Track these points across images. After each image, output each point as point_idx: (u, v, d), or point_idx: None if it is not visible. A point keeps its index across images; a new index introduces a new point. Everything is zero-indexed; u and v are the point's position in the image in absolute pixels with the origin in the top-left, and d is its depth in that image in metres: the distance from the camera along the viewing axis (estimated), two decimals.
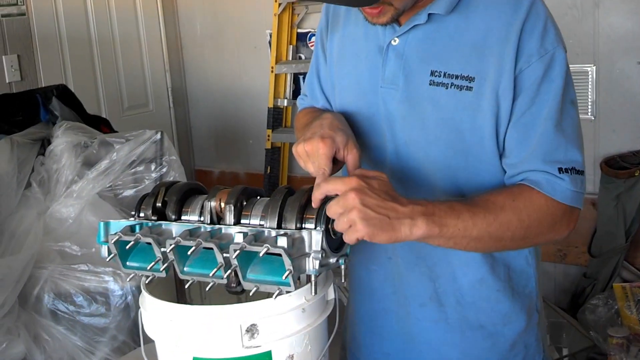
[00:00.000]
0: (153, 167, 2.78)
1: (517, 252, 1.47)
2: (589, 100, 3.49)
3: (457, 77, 1.34)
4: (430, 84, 1.36)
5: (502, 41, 1.32)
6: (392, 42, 1.41)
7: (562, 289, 3.74)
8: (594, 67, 3.45)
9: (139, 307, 1.37)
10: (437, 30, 1.37)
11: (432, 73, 1.36)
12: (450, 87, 1.34)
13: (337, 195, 1.22)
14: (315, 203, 1.26)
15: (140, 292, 1.37)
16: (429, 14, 1.36)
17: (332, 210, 1.22)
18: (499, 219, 1.29)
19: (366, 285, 1.60)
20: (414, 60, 1.39)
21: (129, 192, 2.74)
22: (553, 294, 3.75)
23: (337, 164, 1.34)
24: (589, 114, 3.50)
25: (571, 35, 3.47)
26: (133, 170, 2.74)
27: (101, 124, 3.26)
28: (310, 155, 1.32)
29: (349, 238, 1.22)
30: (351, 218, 1.19)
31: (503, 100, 1.33)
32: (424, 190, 1.41)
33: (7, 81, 3.91)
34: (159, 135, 2.79)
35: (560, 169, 1.33)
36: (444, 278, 1.42)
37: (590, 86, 3.47)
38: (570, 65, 1.38)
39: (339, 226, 1.22)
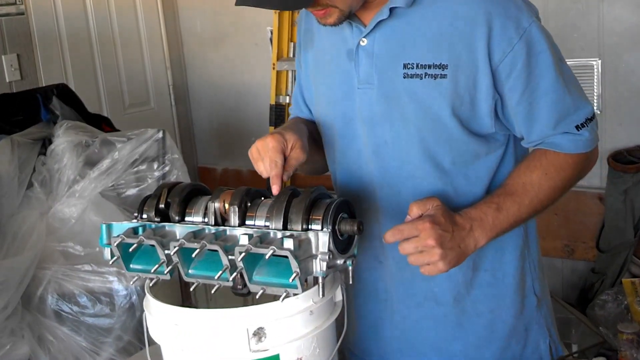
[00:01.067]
0: (155, 165, 2.76)
1: (510, 238, 1.50)
2: (595, 94, 3.46)
3: (429, 66, 1.36)
4: (404, 77, 1.39)
5: (470, 25, 1.34)
6: (361, 43, 1.43)
7: (570, 284, 3.72)
8: (600, 61, 3.42)
9: (144, 308, 1.35)
10: (402, 24, 1.39)
11: (405, 66, 1.39)
12: (425, 77, 1.37)
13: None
14: (386, 239, 1.32)
15: (145, 291, 1.35)
16: (391, 9, 1.38)
17: (408, 249, 1.30)
18: (539, 196, 1.41)
19: (358, 292, 1.60)
20: (384, 57, 1.41)
21: (131, 191, 2.72)
22: (561, 290, 3.73)
23: (288, 162, 1.37)
24: (595, 108, 3.47)
25: (576, 29, 3.45)
26: (135, 169, 2.72)
27: (102, 123, 3.24)
28: (260, 151, 1.37)
29: (427, 272, 1.31)
30: (433, 260, 1.29)
31: (482, 85, 1.37)
32: (409, 184, 1.45)
33: (7, 80, 3.89)
34: (161, 134, 2.77)
35: (577, 127, 1.40)
36: (440, 277, 1.41)
37: (595, 80, 3.44)
38: (575, 60, 1.40)
39: (416, 262, 1.31)
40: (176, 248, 1.25)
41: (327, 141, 1.60)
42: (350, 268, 1.31)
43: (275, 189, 1.32)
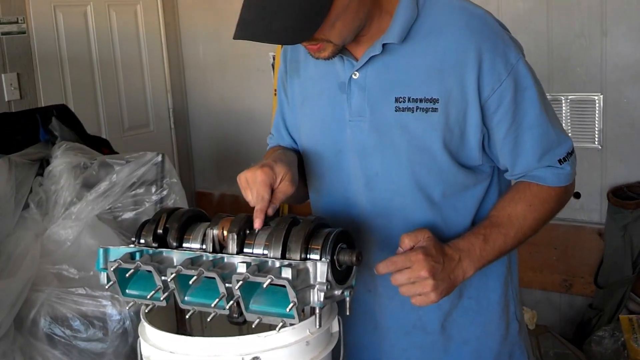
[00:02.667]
0: (153, 189, 2.74)
1: (494, 266, 1.51)
2: (596, 129, 3.46)
3: (421, 100, 1.39)
4: (396, 110, 1.41)
5: (461, 61, 1.37)
6: (353, 76, 1.45)
7: (567, 319, 3.70)
8: (601, 96, 3.43)
9: (137, 333, 1.33)
10: (394, 59, 1.42)
11: (397, 99, 1.41)
12: (416, 110, 1.40)
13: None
14: (379, 270, 1.34)
15: (139, 317, 1.33)
16: (383, 45, 1.40)
17: (401, 280, 1.32)
18: (524, 228, 1.46)
19: (346, 322, 1.57)
20: (376, 90, 1.43)
21: (128, 215, 2.70)
22: (558, 324, 3.70)
23: (275, 195, 1.37)
24: (596, 142, 3.47)
25: (578, 63, 3.46)
26: (133, 192, 2.71)
27: (101, 145, 3.24)
28: (249, 182, 1.37)
29: (419, 302, 1.34)
30: (425, 291, 1.32)
31: (472, 118, 1.40)
32: (400, 215, 1.47)
33: (6, 100, 3.89)
34: (159, 158, 2.76)
35: (560, 161, 1.46)
36: (427, 306, 1.41)
37: (597, 115, 3.45)
38: (577, 94, 1.43)
39: (408, 292, 1.33)
40: (173, 275, 1.23)
41: (313, 171, 1.60)
42: (347, 299, 1.29)
43: (257, 223, 1.32)
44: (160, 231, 1.38)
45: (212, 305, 1.22)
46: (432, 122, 1.39)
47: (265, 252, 1.28)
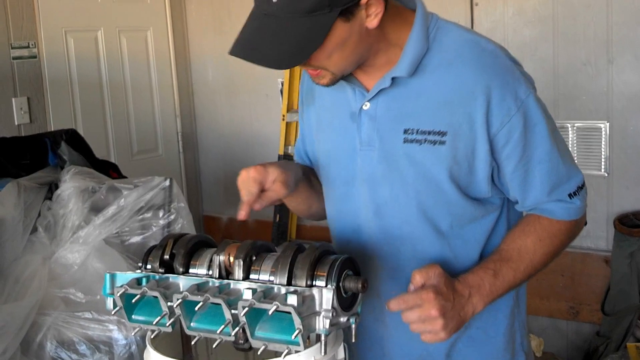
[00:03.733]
0: (161, 213, 2.75)
1: (502, 298, 1.51)
2: (602, 156, 3.47)
3: (429, 132, 1.41)
4: (404, 142, 1.43)
5: (470, 96, 1.38)
6: (364, 107, 1.47)
7: (574, 346, 3.68)
8: (608, 124, 3.44)
9: (143, 358, 1.34)
10: (404, 92, 1.44)
11: (405, 131, 1.43)
12: (424, 142, 1.41)
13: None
14: (390, 307, 1.35)
15: (145, 342, 1.34)
16: (393, 78, 1.42)
17: (412, 318, 1.33)
18: (534, 262, 1.47)
19: (356, 349, 1.57)
20: (386, 121, 1.45)
21: (136, 239, 2.71)
22: (565, 352, 3.68)
23: (266, 194, 1.43)
24: (602, 170, 3.47)
25: (584, 91, 3.47)
26: (141, 216, 2.71)
27: (110, 169, 3.25)
28: (243, 181, 1.42)
29: (429, 340, 1.35)
30: (435, 329, 1.33)
31: (480, 152, 1.41)
32: (409, 244, 1.49)
33: (16, 123, 3.92)
34: (167, 182, 2.77)
35: (570, 195, 1.47)
36: None
37: (603, 143, 3.46)
38: (583, 121, 1.44)
39: (418, 330, 1.35)
40: (179, 300, 1.24)
41: (328, 196, 1.63)
42: (353, 326, 1.30)
43: (240, 214, 1.39)
44: (167, 257, 1.39)
45: (218, 331, 1.22)
46: (440, 155, 1.41)
47: (271, 278, 1.29)
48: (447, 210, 1.46)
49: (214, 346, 1.26)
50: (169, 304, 1.27)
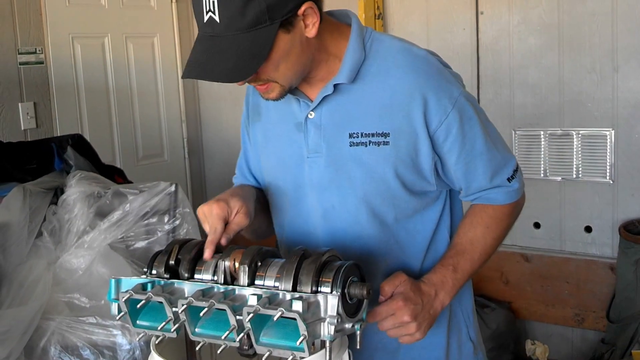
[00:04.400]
0: (166, 219, 2.75)
1: (459, 303, 1.69)
2: (608, 164, 3.47)
3: (373, 135, 1.51)
4: (350, 145, 1.52)
5: (407, 99, 1.49)
6: (309, 116, 1.55)
7: (580, 353, 3.68)
8: (613, 131, 3.44)
9: None
10: (346, 98, 1.53)
11: (350, 135, 1.52)
12: (369, 144, 1.51)
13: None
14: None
15: (148, 347, 1.34)
16: (335, 85, 1.51)
17: (387, 326, 1.45)
18: (486, 248, 1.61)
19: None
20: (331, 128, 1.54)
21: (141, 244, 2.71)
22: (571, 359, 3.68)
23: (230, 227, 1.45)
24: (608, 177, 3.47)
25: (590, 99, 3.48)
26: (146, 221, 2.71)
27: (115, 174, 3.25)
28: (206, 216, 1.45)
29: (406, 341, 1.48)
30: (409, 332, 1.46)
31: (422, 149, 1.51)
32: (357, 243, 1.57)
33: (22, 128, 3.93)
34: (173, 187, 2.77)
35: (508, 179, 1.60)
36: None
37: (609, 150, 3.46)
38: (588, 129, 1.50)
39: (395, 335, 1.47)
40: (184, 306, 1.24)
41: (277, 207, 1.70)
42: (358, 332, 1.30)
43: (206, 253, 1.39)
44: (172, 262, 1.39)
45: (223, 337, 1.22)
46: (385, 154, 1.51)
47: (277, 284, 1.29)
48: (392, 205, 1.56)
49: (218, 352, 1.27)
50: (174, 309, 1.27)
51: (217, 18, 1.32)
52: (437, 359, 1.66)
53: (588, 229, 3.60)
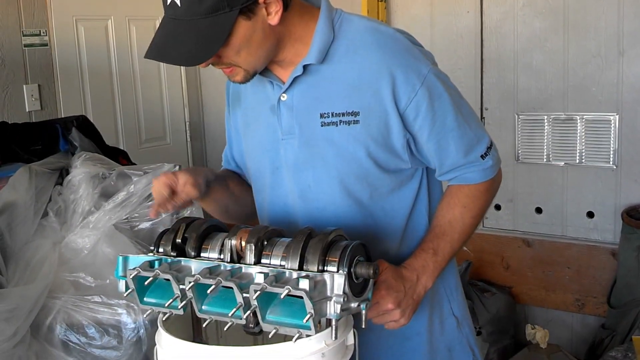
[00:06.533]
0: None
1: (441, 279, 1.67)
2: (611, 149, 3.46)
3: (343, 114, 1.53)
4: (322, 125, 1.54)
5: (376, 77, 1.50)
6: (281, 98, 1.58)
7: (580, 338, 3.69)
8: (617, 116, 3.43)
9: (151, 341, 1.35)
10: (315, 79, 1.55)
11: (322, 115, 1.54)
12: (340, 124, 1.53)
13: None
14: None
15: (153, 325, 1.35)
16: (304, 66, 1.53)
17: (372, 315, 1.46)
18: (464, 228, 1.63)
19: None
20: (303, 109, 1.56)
21: (145, 225, 2.72)
22: (571, 344, 3.69)
23: (178, 195, 1.54)
24: (611, 162, 3.47)
25: (594, 83, 3.47)
26: (150, 202, 2.72)
27: (119, 156, 3.27)
28: (154, 184, 1.54)
29: (392, 327, 1.51)
30: (394, 319, 1.49)
31: (393, 126, 1.53)
32: (333, 222, 1.57)
33: (27, 110, 3.94)
34: (177, 168, 2.77)
35: (482, 156, 1.60)
36: None
37: (612, 135, 3.45)
38: (592, 113, 1.49)
39: (380, 322, 1.50)
40: (191, 283, 1.25)
41: (257, 189, 1.75)
42: (363, 312, 1.31)
43: (151, 212, 1.57)
44: (179, 240, 1.40)
45: (229, 314, 1.23)
46: (355, 133, 1.53)
47: (283, 263, 1.30)
48: (367, 183, 1.58)
49: (224, 329, 1.27)
50: (181, 286, 1.29)
51: (177, 1, 1.36)
52: (418, 333, 1.68)
53: (590, 215, 3.60)
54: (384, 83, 1.50)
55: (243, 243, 1.34)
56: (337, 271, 1.26)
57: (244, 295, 1.22)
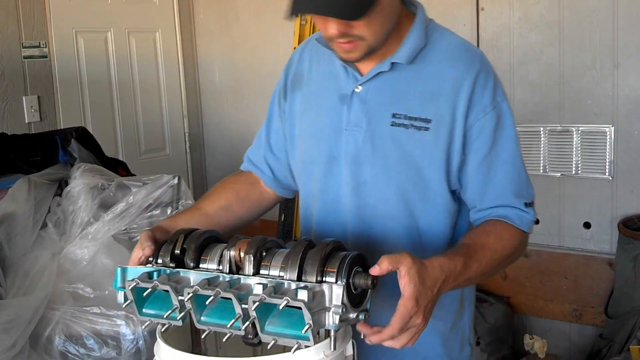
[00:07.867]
0: (169, 211, 2.76)
1: (454, 300, 1.64)
2: (607, 160, 3.48)
3: (415, 119, 1.52)
4: (392, 125, 1.53)
5: (456, 90, 1.51)
6: (356, 89, 1.58)
7: (577, 349, 3.69)
8: (613, 128, 3.45)
9: (150, 352, 1.35)
10: (397, 78, 1.55)
11: (394, 115, 1.53)
12: (410, 127, 1.52)
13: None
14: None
15: (152, 337, 1.35)
16: (392, 63, 1.54)
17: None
18: (494, 258, 1.49)
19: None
20: (376, 105, 1.56)
21: None
22: (568, 354, 3.70)
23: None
24: (607, 174, 3.49)
25: (590, 95, 3.49)
26: (149, 213, 2.73)
27: (118, 167, 3.27)
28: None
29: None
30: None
31: (456, 141, 1.52)
32: (381, 222, 1.58)
33: (26, 121, 3.95)
34: (176, 180, 2.78)
35: (526, 204, 1.56)
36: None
37: (608, 146, 3.47)
38: (588, 125, 1.51)
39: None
40: (190, 294, 1.25)
41: (308, 177, 1.71)
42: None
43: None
44: (177, 251, 1.40)
45: (228, 325, 1.23)
46: (423, 140, 1.52)
47: (282, 274, 1.30)
48: (423, 195, 1.55)
49: (223, 340, 1.27)
50: (179, 297, 1.29)
51: None
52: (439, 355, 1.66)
53: (587, 225, 3.62)
54: (463, 95, 1.50)
55: (242, 254, 1.34)
56: (336, 282, 1.26)
57: (243, 306, 1.22)
